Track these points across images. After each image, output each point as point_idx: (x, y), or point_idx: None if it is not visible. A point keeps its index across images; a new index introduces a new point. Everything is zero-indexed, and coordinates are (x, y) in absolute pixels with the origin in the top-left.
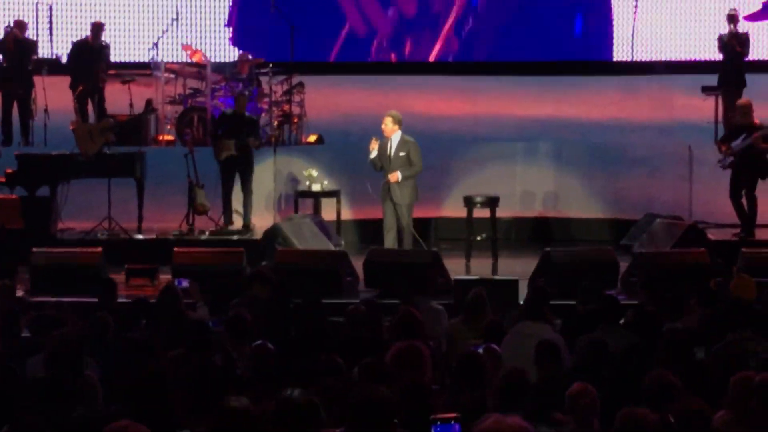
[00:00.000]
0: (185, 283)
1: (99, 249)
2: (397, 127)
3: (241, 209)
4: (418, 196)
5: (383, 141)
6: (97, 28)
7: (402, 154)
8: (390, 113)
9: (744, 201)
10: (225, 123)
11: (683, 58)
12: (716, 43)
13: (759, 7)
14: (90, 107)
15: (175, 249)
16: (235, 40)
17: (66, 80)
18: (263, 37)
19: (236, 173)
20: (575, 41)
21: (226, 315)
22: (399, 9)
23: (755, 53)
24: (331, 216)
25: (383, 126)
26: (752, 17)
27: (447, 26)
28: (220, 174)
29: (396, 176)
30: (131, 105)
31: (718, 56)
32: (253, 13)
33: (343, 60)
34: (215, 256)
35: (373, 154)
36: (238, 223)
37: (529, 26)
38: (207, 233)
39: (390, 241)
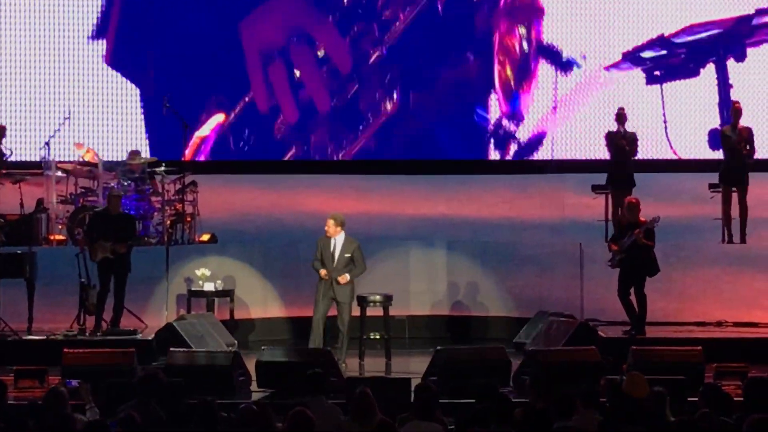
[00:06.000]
0: (75, 383)
1: None
2: (340, 228)
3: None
4: (354, 294)
5: (326, 240)
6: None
7: (347, 255)
8: (332, 215)
9: (633, 299)
10: (99, 224)
11: (573, 157)
12: (604, 141)
13: (619, 57)
14: None
15: (65, 350)
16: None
17: None
18: (156, 135)
19: (111, 275)
20: (465, 140)
21: (116, 417)
22: (311, 99)
23: (644, 152)
24: (224, 315)
25: (326, 228)
26: (613, 67)
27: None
28: (97, 274)
29: (345, 278)
30: (22, 204)
31: (608, 155)
32: (145, 110)
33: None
34: (105, 357)
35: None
36: (131, 323)
37: (422, 124)
38: (98, 333)
39: (318, 337)
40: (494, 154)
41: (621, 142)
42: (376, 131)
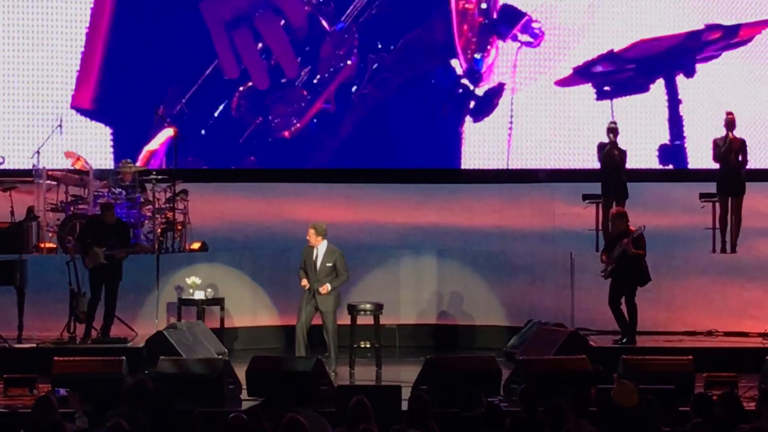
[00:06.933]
0: (63, 392)
1: None
2: (321, 237)
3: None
4: (341, 303)
5: (309, 250)
6: None
7: (329, 264)
8: (313, 225)
9: (624, 308)
10: (93, 230)
11: (564, 167)
12: (596, 153)
13: (570, 72)
14: None
15: (55, 358)
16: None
17: None
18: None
19: (103, 284)
20: (456, 149)
21: (105, 425)
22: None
23: (636, 163)
24: (214, 323)
25: (308, 237)
26: (563, 83)
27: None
28: (89, 282)
29: (326, 288)
30: (12, 212)
31: (599, 165)
32: (137, 119)
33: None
34: (95, 365)
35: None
36: (121, 331)
37: (413, 133)
38: (89, 341)
39: (301, 345)
40: (483, 163)
41: (612, 152)
42: (335, 91)
